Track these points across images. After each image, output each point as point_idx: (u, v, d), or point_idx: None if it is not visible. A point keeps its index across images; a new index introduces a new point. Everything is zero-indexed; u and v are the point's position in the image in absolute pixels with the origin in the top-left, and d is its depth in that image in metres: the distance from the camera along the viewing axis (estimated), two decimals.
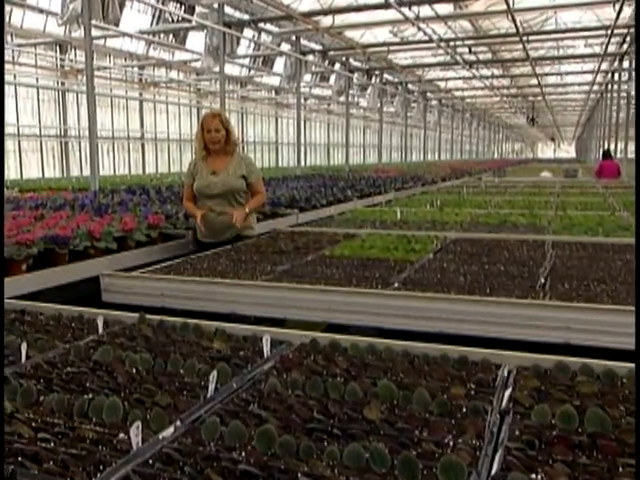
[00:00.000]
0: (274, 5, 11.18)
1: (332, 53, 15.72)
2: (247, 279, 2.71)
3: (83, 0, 7.79)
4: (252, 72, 22.23)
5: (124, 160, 19.83)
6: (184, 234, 4.16)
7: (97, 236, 3.63)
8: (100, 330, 1.92)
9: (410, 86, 23.72)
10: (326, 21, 13.75)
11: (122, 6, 14.40)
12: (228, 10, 12.21)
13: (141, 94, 20.07)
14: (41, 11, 14.21)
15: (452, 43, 14.66)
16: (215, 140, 3.81)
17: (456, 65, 17.25)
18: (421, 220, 5.04)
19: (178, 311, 2.45)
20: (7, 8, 14.12)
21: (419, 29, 11.40)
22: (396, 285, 2.59)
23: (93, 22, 8.15)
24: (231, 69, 20.37)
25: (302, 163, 15.72)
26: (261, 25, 13.39)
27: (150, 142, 20.86)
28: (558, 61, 23.59)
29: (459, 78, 23.93)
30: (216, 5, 10.82)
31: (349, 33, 16.46)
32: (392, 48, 16.50)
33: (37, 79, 16.87)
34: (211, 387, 1.41)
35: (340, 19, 13.06)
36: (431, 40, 13.22)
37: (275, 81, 23.82)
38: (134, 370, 1.57)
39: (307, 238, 3.94)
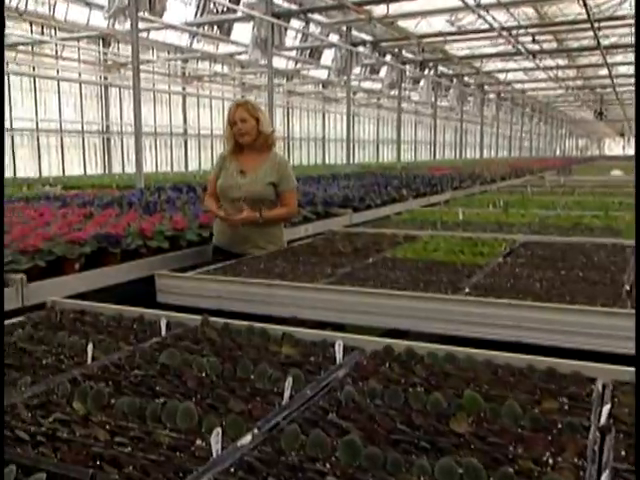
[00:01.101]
0: None
1: (385, 44, 15.66)
2: (307, 282, 2.72)
3: None
4: (299, 65, 22.34)
5: (166, 157, 20.25)
6: None
7: (149, 235, 3.71)
8: (163, 332, 1.96)
9: (466, 79, 23.41)
10: (379, 10, 13.73)
11: None
12: (276, 0, 12.31)
13: (184, 88, 20.45)
14: (87, 4, 14.64)
15: (514, 32, 14.40)
16: (243, 132, 3.44)
17: (518, 55, 16.94)
18: (485, 221, 4.97)
19: (228, 312, 2.46)
20: (50, 1, 14.62)
21: (479, 17, 11.24)
22: (467, 290, 2.55)
23: (139, 14, 8.35)
24: (277, 62, 20.52)
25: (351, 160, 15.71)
26: (310, 16, 13.47)
27: (193, 138, 21.23)
28: (632, 49, 22.88)
29: (520, 69, 23.50)
30: None
31: (402, 23, 16.36)
32: (449, 38, 16.33)
33: (80, 74, 17.38)
34: (286, 394, 1.42)
35: (393, 8, 13.00)
36: (492, 29, 13.02)
37: (323, 74, 23.91)
38: (203, 374, 1.60)
39: (365, 239, 3.94)
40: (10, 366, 1.66)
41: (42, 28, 15.89)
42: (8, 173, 15.44)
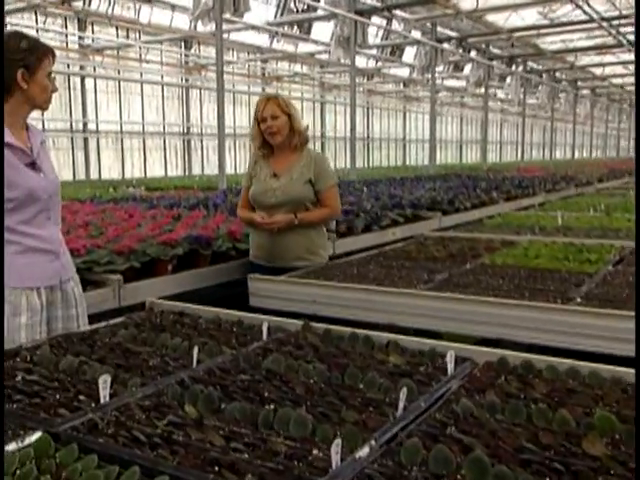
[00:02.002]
0: None
1: (471, 40, 15.38)
2: (404, 287, 2.69)
3: None
4: (379, 63, 22.29)
5: (246, 158, 20.67)
6: None
7: (238, 237, 3.78)
8: (264, 337, 1.98)
9: (558, 74, 22.64)
10: (465, 4, 13.50)
11: None
12: None
13: (264, 89, 20.81)
14: (172, 6, 15.16)
15: (615, 22, 13.78)
16: (274, 130, 3.16)
17: (618, 48, 16.22)
18: (587, 226, 4.77)
19: (318, 317, 2.46)
20: (135, 5, 15.22)
21: (577, 7, 10.83)
22: (579, 300, 2.45)
23: (223, 16, 8.55)
24: (358, 60, 20.58)
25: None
26: (393, 12, 13.40)
27: None
28: None
29: (619, 63, 22.48)
30: None
31: (490, 17, 16.01)
32: (543, 31, 15.83)
33: (162, 76, 18.02)
34: (400, 405, 1.40)
35: (482, 1, 12.74)
36: (591, 19, 12.51)
37: (404, 72, 23.75)
38: (310, 381, 1.60)
39: (460, 244, 3.86)
40: (119, 366, 1.72)
41: (127, 32, 16.60)
42: (94, 175, 16.21)
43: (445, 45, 14.52)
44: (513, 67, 18.71)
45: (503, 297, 2.48)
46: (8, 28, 13.47)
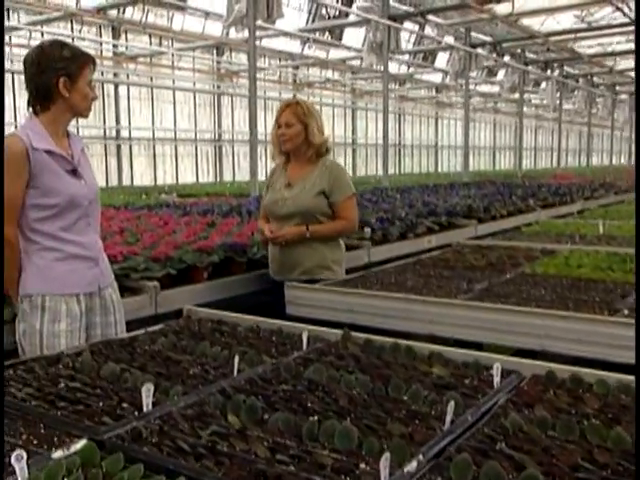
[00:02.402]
0: None
1: (506, 44, 15.24)
2: (443, 297, 2.66)
3: (249, 0, 8.27)
4: (411, 69, 22.24)
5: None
6: (358, 245, 4.22)
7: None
8: (304, 346, 1.97)
9: (595, 79, 22.31)
10: (500, 9, 13.39)
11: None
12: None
13: (295, 95, 20.90)
14: (207, 14, 15.33)
15: None
16: (285, 138, 3.08)
17: None
18: (630, 235, 4.67)
19: (355, 326, 2.44)
20: (168, 13, 15.43)
21: (617, 9, 10.66)
22: (626, 312, 2.39)
23: (256, 22, 8.61)
24: (389, 66, 20.58)
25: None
26: (426, 17, 13.36)
27: None
28: None
29: None
30: None
31: (526, 21, 15.86)
32: (580, 35, 15.61)
33: (194, 83, 18.23)
34: (448, 418, 1.37)
35: (518, 5, 12.62)
36: (631, 22, 12.29)
37: (436, 78, 23.66)
38: (353, 392, 1.58)
39: (498, 253, 3.81)
40: (160, 374, 1.73)
41: (160, 39, 16.85)
42: (126, 181, 16.45)
43: (479, 50, 14.42)
44: (549, 72, 18.48)
45: (546, 308, 2.44)
46: (45, 37, 13.79)
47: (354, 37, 19.97)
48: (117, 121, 16.43)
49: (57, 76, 2.24)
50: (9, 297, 2.40)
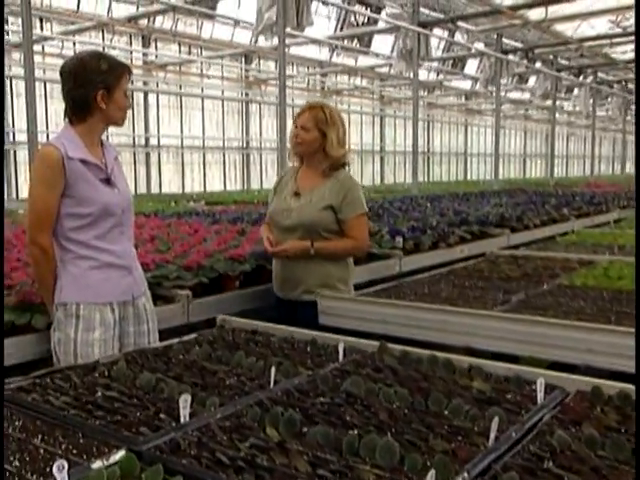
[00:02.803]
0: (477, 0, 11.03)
1: (538, 50, 15.10)
2: (479, 308, 2.63)
3: (278, 8, 8.33)
4: (441, 76, 22.16)
5: None
6: (389, 254, 4.19)
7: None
8: (340, 358, 1.96)
9: (630, 85, 21.97)
10: (532, 14, 13.28)
11: None
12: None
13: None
14: (237, 22, 15.47)
15: None
16: (298, 141, 2.90)
17: None
18: None
19: (388, 337, 2.41)
20: (198, 22, 15.60)
21: None
22: None
23: (286, 30, 8.66)
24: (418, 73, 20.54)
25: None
26: (456, 24, 13.31)
27: None
28: None
29: None
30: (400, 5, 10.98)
31: (559, 26, 15.70)
32: (615, 40, 15.37)
33: (222, 91, 18.39)
34: (492, 435, 1.35)
35: (551, 11, 12.51)
36: None
37: (465, 85, 23.53)
38: (393, 406, 1.56)
39: (534, 263, 3.76)
40: (196, 385, 1.72)
41: (189, 48, 17.04)
42: (155, 189, 16.63)
43: (510, 56, 14.30)
44: (582, 78, 18.27)
45: (587, 321, 2.39)
46: (77, 47, 14.06)
47: (383, 44, 20.00)
48: (146, 129, 16.64)
49: (95, 89, 2.27)
50: (44, 305, 2.43)
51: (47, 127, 13.53)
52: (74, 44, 14.16)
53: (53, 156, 2.22)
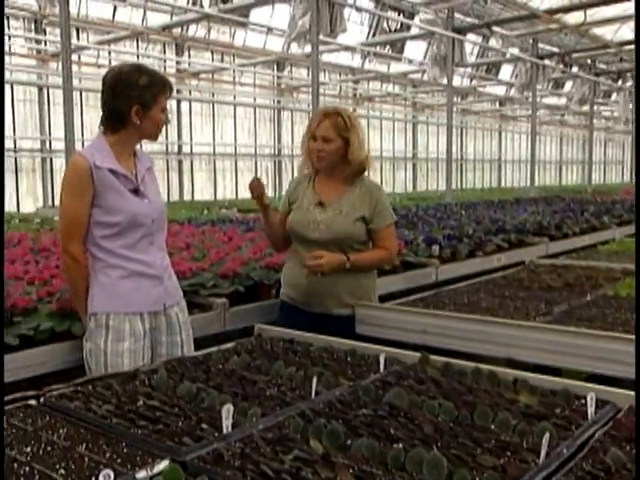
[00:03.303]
0: (512, 4, 10.94)
1: (576, 55, 14.90)
2: (521, 319, 2.59)
3: (312, 15, 8.37)
4: (474, 82, 22.01)
5: None
6: (426, 263, 4.16)
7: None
8: (381, 368, 1.94)
9: None
10: (570, 18, 13.11)
11: None
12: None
13: (354, 109, 20.96)
14: (270, 30, 15.58)
15: None
16: (321, 155, 2.68)
17: None
18: None
19: (427, 348, 2.39)
20: (230, 30, 15.75)
21: None
22: None
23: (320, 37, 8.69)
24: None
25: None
26: (490, 29, 13.20)
27: None
28: None
29: None
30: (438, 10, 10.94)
31: (597, 30, 15.47)
32: None
33: (254, 98, 18.53)
34: (543, 451, 1.32)
35: (589, 14, 12.33)
36: None
37: (499, 91, 23.33)
38: (438, 419, 1.54)
39: (575, 273, 3.69)
40: (236, 395, 1.72)
41: (222, 55, 17.22)
42: (187, 196, 16.81)
43: (546, 61, 14.13)
44: (620, 82, 17.96)
45: (634, 333, 2.33)
46: (112, 56, 14.31)
47: (415, 50, 19.95)
48: (179, 137, 16.83)
49: (131, 104, 2.27)
50: (77, 313, 2.44)
51: (82, 135, 13.76)
52: (109, 53, 14.41)
53: (81, 165, 2.24)
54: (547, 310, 2.78)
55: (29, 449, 1.40)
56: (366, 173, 2.84)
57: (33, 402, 1.71)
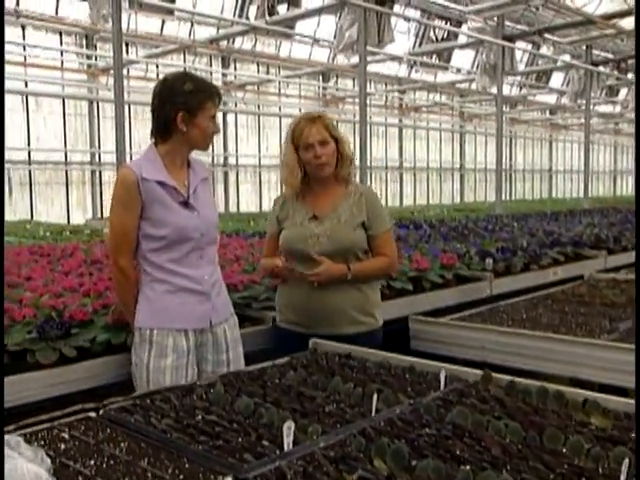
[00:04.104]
0: (566, 10, 10.77)
1: (633, 61, 14.54)
2: (584, 336, 2.52)
3: (360, 26, 8.40)
4: (524, 90, 21.72)
5: (380, 191, 20.78)
6: (480, 276, 4.10)
7: (391, 275, 3.74)
8: (442, 386, 1.90)
9: None
10: (624, 24, 12.84)
11: None
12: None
13: (401, 120, 20.92)
14: (316, 41, 15.71)
15: None
16: (323, 161, 2.52)
17: None
18: None
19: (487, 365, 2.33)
20: (276, 41, 15.92)
21: None
22: None
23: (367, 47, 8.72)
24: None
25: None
26: (541, 36, 13.01)
27: (409, 171, 21.56)
28: None
29: None
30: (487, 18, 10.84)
31: None
32: None
33: (300, 109, 18.65)
34: (622, 478, 1.27)
35: None
36: None
37: (550, 99, 22.97)
38: (505, 440, 1.50)
39: None
40: (295, 411, 1.71)
41: (267, 67, 17.43)
42: (232, 208, 16.99)
43: (601, 68, 13.85)
44: None
45: None
46: (160, 69, 14.63)
47: (463, 59, 19.82)
48: (225, 148, 17.07)
49: (176, 110, 2.24)
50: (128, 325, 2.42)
51: (130, 148, 14.07)
52: (157, 66, 14.74)
53: (129, 178, 2.23)
54: (612, 327, 2.70)
55: (92, 462, 1.42)
56: (354, 177, 2.73)
57: (93, 414, 1.74)
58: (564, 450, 1.46)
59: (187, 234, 2.27)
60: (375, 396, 1.72)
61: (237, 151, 17.46)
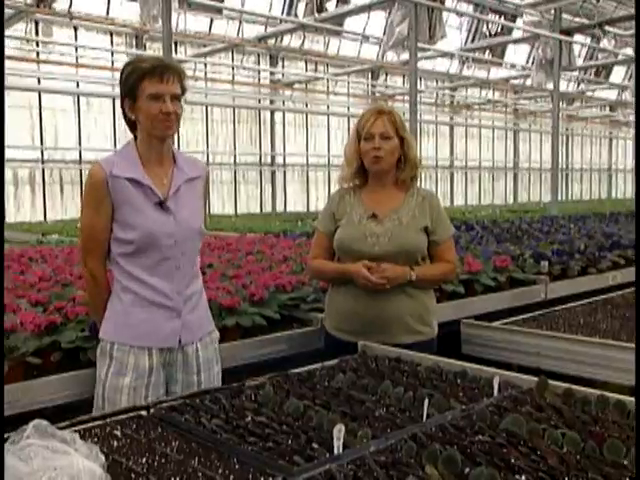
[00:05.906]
0: (627, 1, 10.48)
1: None
2: None
3: (410, 22, 8.37)
4: (582, 86, 21.24)
5: (430, 188, 20.63)
6: (535, 279, 4.03)
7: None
8: (495, 392, 1.89)
9: None
10: None
11: None
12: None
13: (452, 117, 20.72)
14: (366, 38, 15.71)
15: None
16: (380, 154, 2.43)
17: None
18: None
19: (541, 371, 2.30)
20: (324, 39, 15.96)
21: None
22: None
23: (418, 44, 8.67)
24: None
25: None
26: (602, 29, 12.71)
27: (459, 170, 21.34)
28: None
29: None
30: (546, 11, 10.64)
31: None
32: None
33: (348, 107, 18.67)
34: None
35: None
36: None
37: (610, 95, 22.40)
38: (563, 450, 1.48)
39: None
40: (345, 414, 1.72)
41: (315, 65, 17.49)
42: (280, 207, 17.12)
43: None
44: None
45: None
46: (208, 68, 14.85)
47: (517, 54, 19.51)
48: (272, 147, 17.21)
49: (122, 100, 2.10)
50: None
51: (179, 147, 14.33)
52: (205, 65, 14.96)
53: (97, 175, 2.06)
54: None
55: (144, 460, 1.46)
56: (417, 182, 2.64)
57: (144, 413, 1.78)
58: (625, 462, 1.43)
59: (157, 240, 2.06)
60: (426, 401, 1.71)
61: (284, 150, 17.58)
